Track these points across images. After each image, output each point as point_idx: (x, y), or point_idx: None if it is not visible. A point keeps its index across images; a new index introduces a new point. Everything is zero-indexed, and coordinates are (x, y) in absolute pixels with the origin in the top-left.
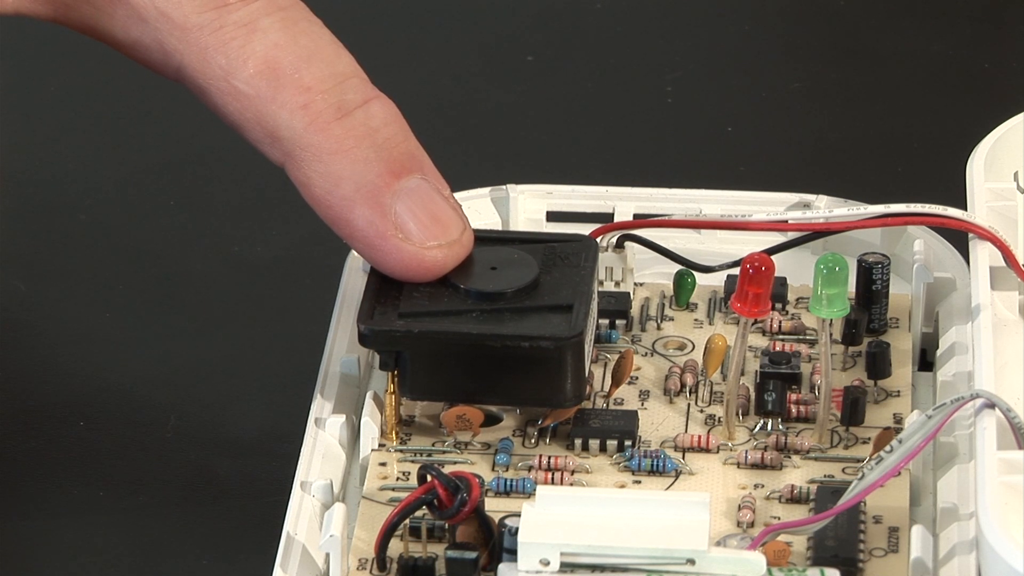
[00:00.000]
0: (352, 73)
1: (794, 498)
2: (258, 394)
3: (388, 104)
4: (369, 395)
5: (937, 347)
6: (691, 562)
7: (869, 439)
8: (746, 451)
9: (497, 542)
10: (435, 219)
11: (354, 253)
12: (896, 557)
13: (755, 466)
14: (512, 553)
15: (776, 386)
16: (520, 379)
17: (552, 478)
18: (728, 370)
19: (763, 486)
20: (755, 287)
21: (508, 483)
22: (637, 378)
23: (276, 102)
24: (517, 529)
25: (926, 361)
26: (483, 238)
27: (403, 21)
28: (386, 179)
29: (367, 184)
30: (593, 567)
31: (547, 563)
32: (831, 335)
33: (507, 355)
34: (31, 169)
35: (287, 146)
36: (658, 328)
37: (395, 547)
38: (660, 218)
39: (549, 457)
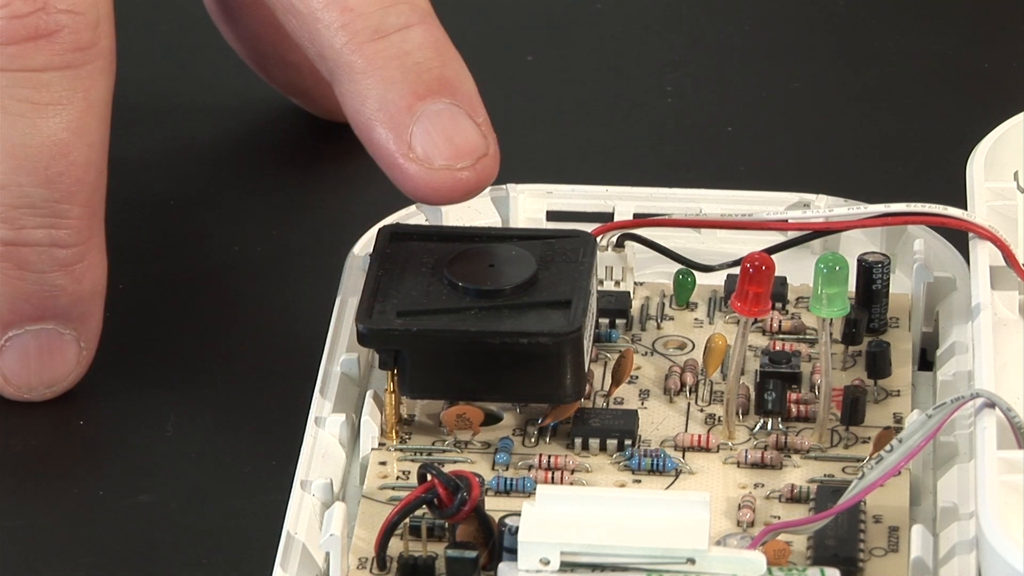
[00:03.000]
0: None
1: (794, 497)
2: (258, 394)
3: (432, 30)
4: (369, 394)
5: (937, 347)
6: (691, 561)
7: (869, 439)
8: (746, 450)
9: (497, 541)
10: (449, 142)
11: (354, 252)
12: (896, 557)
13: (755, 465)
14: (512, 552)
15: (776, 385)
16: (520, 376)
17: (552, 477)
18: (728, 369)
19: (763, 485)
20: (755, 286)
21: (508, 482)
22: (637, 377)
23: (322, 21)
24: (517, 528)
25: (926, 361)
26: (481, 235)
27: None
28: (408, 100)
29: (389, 104)
30: (593, 566)
31: (547, 562)
32: (831, 335)
33: (506, 352)
34: None
35: (329, 64)
36: (658, 327)
37: (395, 546)
38: (660, 217)
39: (549, 456)
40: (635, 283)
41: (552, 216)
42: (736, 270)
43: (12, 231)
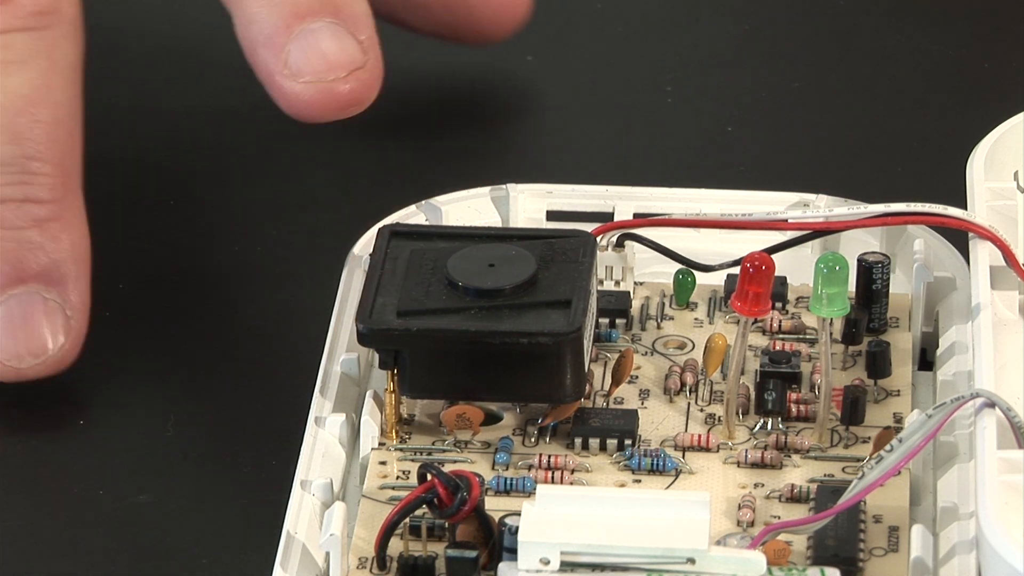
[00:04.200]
0: None
1: (794, 497)
2: (258, 393)
3: None
4: (369, 394)
5: (937, 347)
6: (691, 561)
7: (869, 438)
8: (746, 450)
9: (497, 541)
10: (322, 57)
11: (354, 252)
12: (896, 556)
13: (755, 465)
14: (512, 552)
15: (776, 385)
16: (520, 376)
17: (552, 477)
18: (728, 369)
19: (763, 485)
20: (755, 286)
21: (508, 482)
22: (637, 377)
23: None
24: (517, 528)
25: (926, 361)
26: (481, 235)
27: None
28: (287, 21)
29: (268, 26)
30: (593, 566)
31: (547, 562)
32: (831, 334)
33: (506, 352)
34: None
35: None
36: (658, 327)
37: (395, 546)
38: (660, 217)
39: (549, 456)
40: (635, 283)
41: (552, 216)
42: (736, 270)
43: None
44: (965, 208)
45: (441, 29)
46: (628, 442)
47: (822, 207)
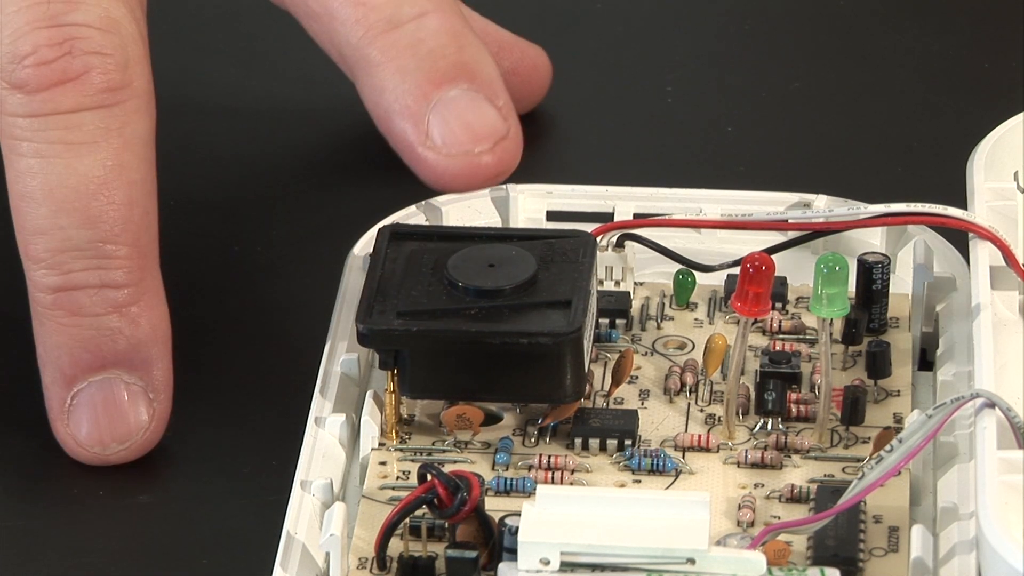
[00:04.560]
0: None
1: (794, 497)
2: (258, 394)
3: (448, 16)
4: (369, 394)
5: (937, 347)
6: (691, 561)
7: (869, 439)
8: (746, 450)
9: (497, 541)
10: (467, 127)
11: (354, 251)
12: (896, 557)
13: (755, 465)
14: (512, 552)
15: (776, 385)
16: (520, 376)
17: (552, 477)
18: (728, 369)
19: (763, 485)
20: (755, 286)
21: (508, 482)
22: (637, 377)
23: (338, 19)
24: (517, 528)
25: (926, 361)
26: (480, 235)
27: None
28: (424, 89)
29: (405, 94)
30: (593, 566)
31: (547, 562)
32: (831, 335)
33: (506, 352)
34: None
35: (349, 62)
36: (658, 327)
37: (395, 546)
38: (660, 217)
39: (549, 456)
40: (635, 283)
41: (552, 216)
42: (736, 270)
43: (60, 276)
44: (965, 208)
45: None
46: (628, 442)
47: (822, 207)
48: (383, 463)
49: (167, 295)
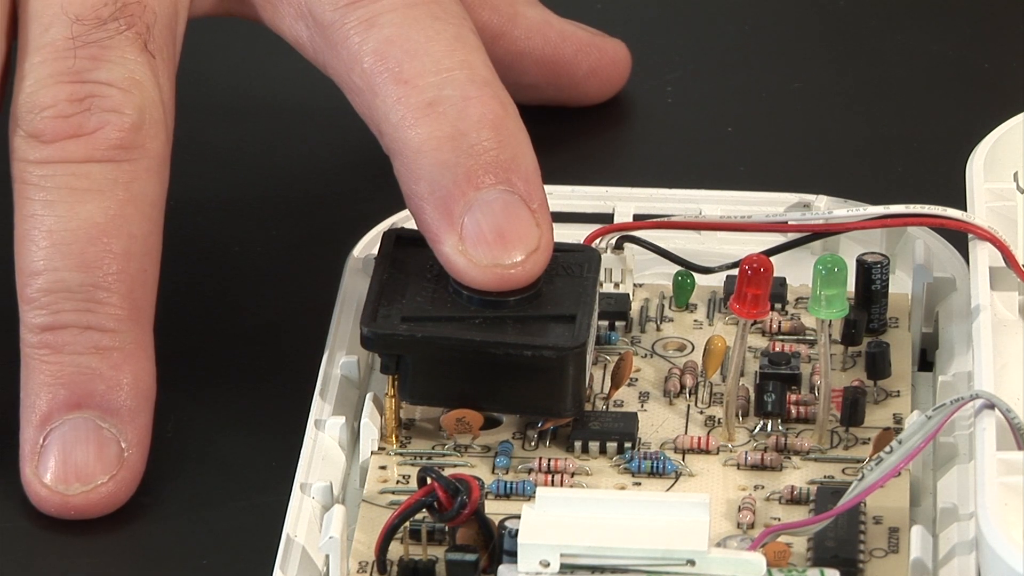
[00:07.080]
0: (458, 67)
1: (794, 499)
2: (258, 394)
3: (490, 104)
4: (369, 397)
5: (937, 347)
6: (691, 563)
7: (869, 439)
8: (746, 452)
9: (497, 544)
10: (500, 236)
11: (354, 253)
12: (896, 557)
13: (755, 467)
14: (512, 555)
15: (776, 387)
16: (520, 387)
17: (552, 480)
18: (728, 371)
19: (763, 487)
20: (754, 288)
21: (508, 485)
22: (637, 380)
23: (379, 96)
24: (517, 531)
25: (926, 361)
26: None
27: None
28: (461, 187)
29: (440, 188)
30: (593, 568)
31: (547, 564)
32: (830, 335)
33: (509, 363)
34: None
35: (386, 140)
36: (657, 329)
37: (395, 550)
38: (660, 219)
39: (549, 459)
40: (634, 285)
41: (552, 217)
42: (735, 271)
43: (49, 316)
44: (965, 209)
45: (548, 103)
46: (628, 445)
47: (822, 208)
48: (383, 467)
49: (167, 295)
